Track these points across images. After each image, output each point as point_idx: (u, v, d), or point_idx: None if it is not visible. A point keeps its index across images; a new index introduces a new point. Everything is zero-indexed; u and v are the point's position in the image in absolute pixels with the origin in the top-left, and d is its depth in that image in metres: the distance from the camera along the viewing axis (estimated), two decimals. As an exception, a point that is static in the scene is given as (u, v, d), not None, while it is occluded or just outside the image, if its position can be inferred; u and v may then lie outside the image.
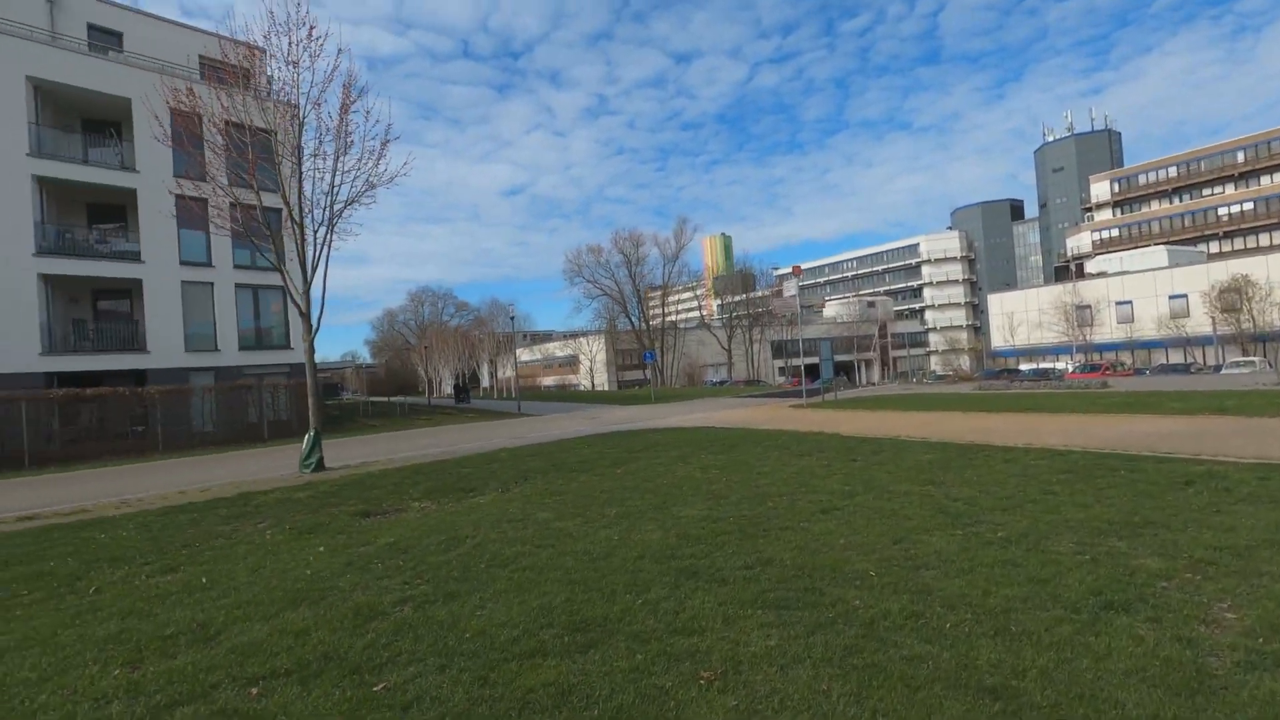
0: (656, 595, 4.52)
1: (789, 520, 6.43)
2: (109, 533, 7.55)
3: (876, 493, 7.47)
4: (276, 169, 13.20)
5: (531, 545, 6.07)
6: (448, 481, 10.01)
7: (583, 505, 7.75)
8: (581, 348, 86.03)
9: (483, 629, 4.07)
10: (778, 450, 11.42)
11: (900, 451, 10.48)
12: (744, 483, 8.61)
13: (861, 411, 19.42)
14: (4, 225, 20.38)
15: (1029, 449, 10.18)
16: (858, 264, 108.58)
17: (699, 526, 6.40)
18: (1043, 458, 9.23)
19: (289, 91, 12.94)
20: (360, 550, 6.24)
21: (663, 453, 11.87)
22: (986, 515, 6.17)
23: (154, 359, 23.13)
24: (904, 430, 13.71)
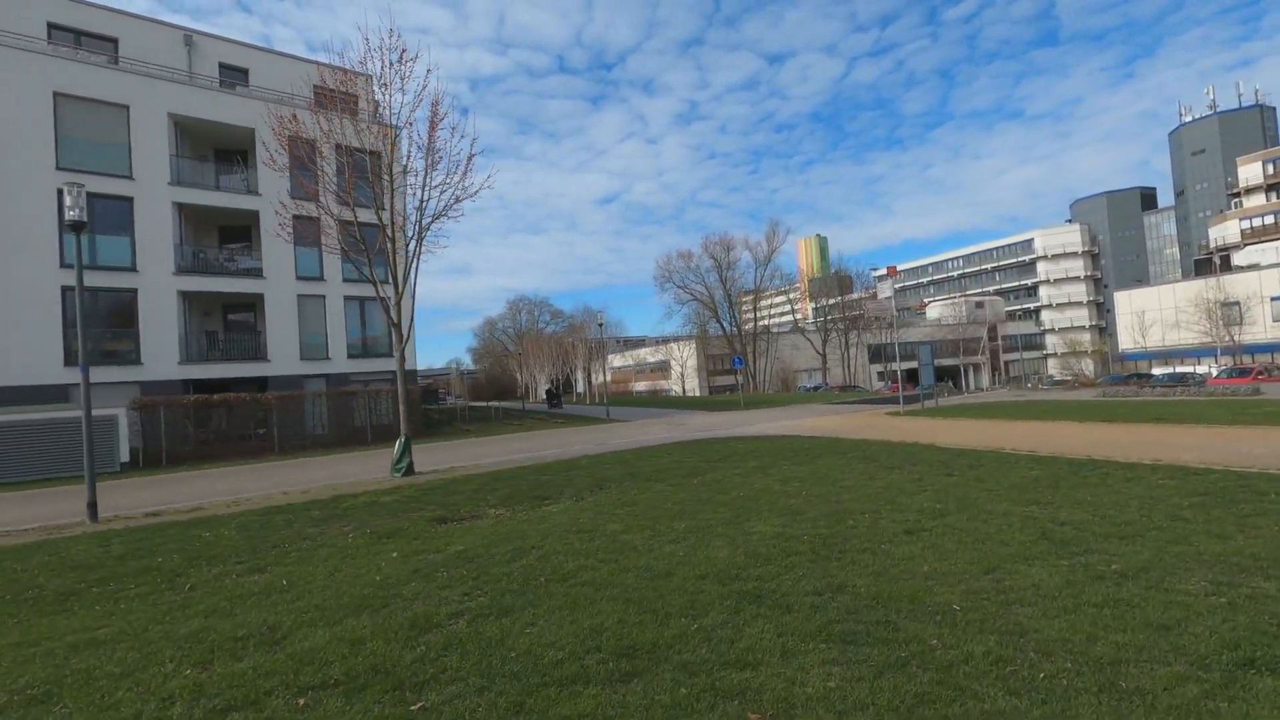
0: (713, 621, 4.25)
1: (869, 541, 5.96)
2: (214, 531, 8.11)
3: (971, 513, 6.82)
4: (371, 187, 13.88)
5: (595, 559, 5.94)
6: (525, 488, 10.11)
7: (653, 517, 7.56)
8: (672, 353, 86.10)
9: (529, 649, 3.96)
10: (865, 462, 10.77)
11: (1002, 466, 9.59)
12: (825, 497, 8.13)
13: (964, 420, 18.11)
14: (151, 248, 22.77)
15: (1156, 466, 9.02)
16: (964, 262, 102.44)
17: (770, 545, 6.05)
18: (1172, 476, 8.14)
19: (382, 113, 13.58)
20: (430, 557, 6.34)
21: (742, 462, 11.49)
22: (1098, 544, 5.45)
23: (273, 367, 25.11)
24: (1009, 442, 12.60)
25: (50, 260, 20.89)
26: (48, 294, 20.81)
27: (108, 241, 22.27)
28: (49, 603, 5.64)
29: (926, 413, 21.45)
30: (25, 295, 20.41)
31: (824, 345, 72.11)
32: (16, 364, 20.14)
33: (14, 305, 20.19)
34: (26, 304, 20.41)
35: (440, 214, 13.86)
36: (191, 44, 26.34)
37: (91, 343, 21.94)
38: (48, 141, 21.13)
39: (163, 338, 22.81)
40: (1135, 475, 8.33)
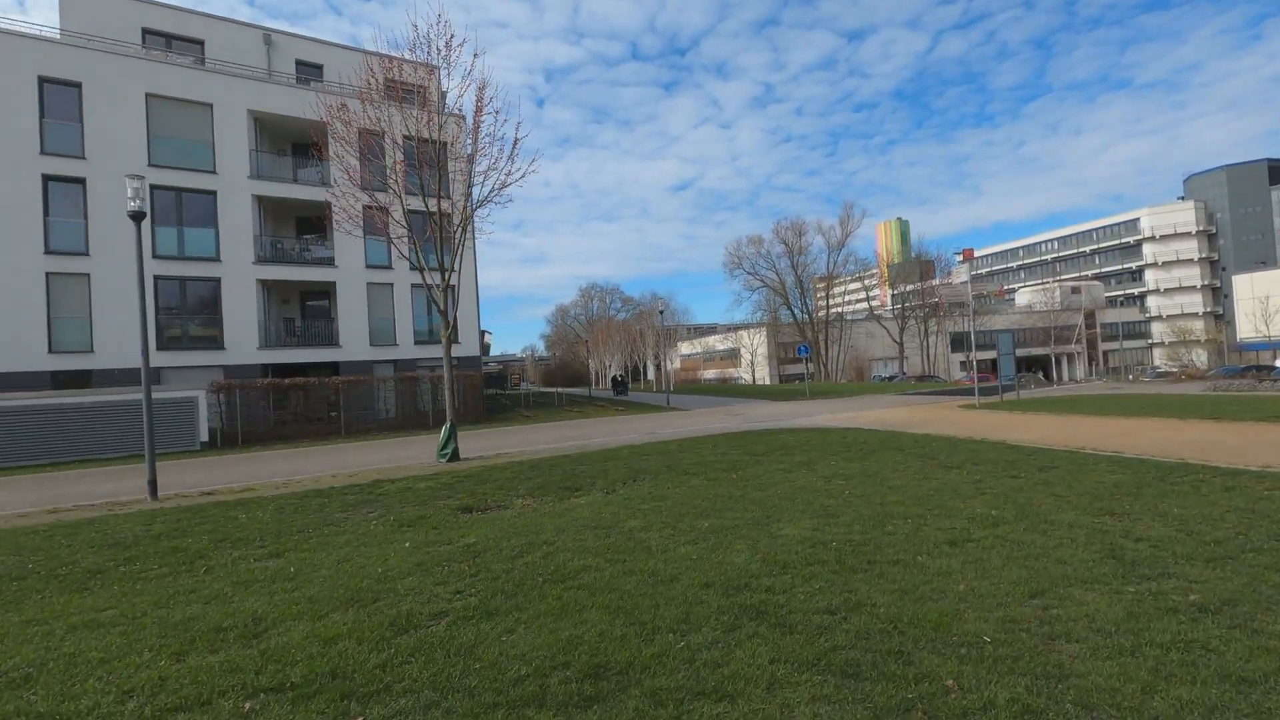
0: (704, 638, 3.83)
1: (904, 551, 5.35)
2: (249, 513, 8.30)
3: (1030, 522, 6.05)
4: (419, 174, 13.95)
5: (604, 558, 5.60)
6: (558, 478, 9.90)
7: (679, 514, 7.15)
8: (742, 341, 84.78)
9: (497, 660, 3.66)
10: (922, 460, 9.95)
11: (1078, 468, 8.60)
12: (868, 498, 7.48)
13: (1045, 415, 16.67)
14: (233, 239, 24.02)
15: (1265, 473, 7.84)
16: (1059, 245, 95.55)
17: (793, 550, 5.54)
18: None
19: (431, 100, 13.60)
20: (439, 549, 6.18)
21: (788, 456, 10.88)
22: (1177, 566, 4.65)
23: (344, 352, 26.09)
24: (1093, 441, 11.39)
25: (144, 252, 22.31)
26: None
27: (195, 234, 23.64)
28: (76, 580, 5.82)
29: (1005, 406, 19.94)
30: (118, 285, 21.91)
31: (901, 333, 68.97)
32: (111, 349, 21.70)
33: (109, 294, 21.73)
34: (120, 293, 21.90)
35: (485, 199, 13.78)
36: (270, 43, 27.51)
37: (181, 329, 23.45)
38: (140, 140, 22.53)
39: (243, 324, 24.07)
40: (1236, 484, 7.23)
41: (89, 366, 21.37)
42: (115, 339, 21.77)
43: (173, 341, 23.02)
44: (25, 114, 20.78)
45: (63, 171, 21.29)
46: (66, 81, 21.45)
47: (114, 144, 22.00)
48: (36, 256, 20.82)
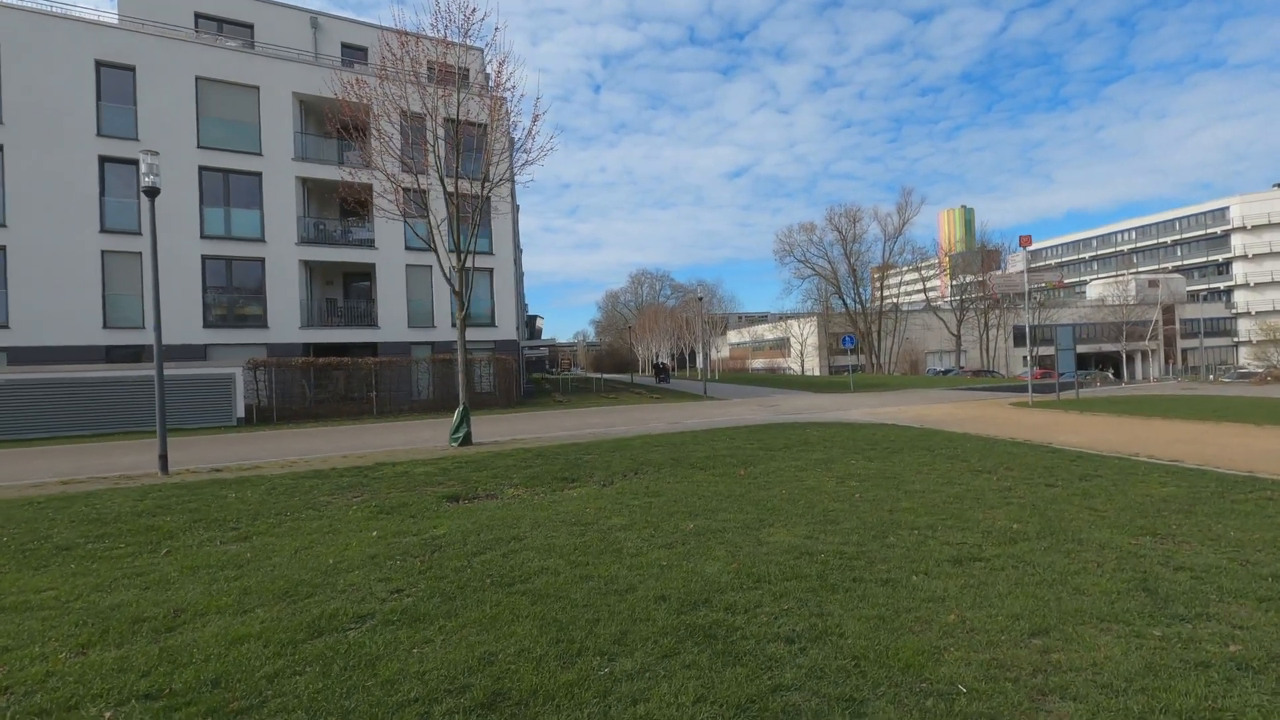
0: (632, 665, 3.34)
1: (898, 569, 4.72)
2: (240, 493, 8.20)
3: (1054, 540, 5.30)
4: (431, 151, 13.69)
5: (567, 560, 5.16)
6: (559, 468, 9.51)
7: (667, 513, 6.65)
8: (791, 330, 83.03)
9: (394, 677, 3.26)
10: (951, 462, 9.13)
11: (1125, 478, 7.67)
12: (879, 503, 6.81)
13: (1102, 416, 15.35)
14: (277, 220, 24.51)
15: (1353, 492, 6.78)
16: (1137, 235, 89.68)
17: (775, 561, 4.98)
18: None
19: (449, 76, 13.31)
20: (402, 541, 5.86)
21: (807, 453, 10.20)
22: (1221, 606, 3.89)
23: (383, 333, 26.40)
24: (1150, 447, 10.29)
25: (192, 232, 23.00)
26: (190, 263, 22.97)
27: (241, 214, 24.21)
28: (40, 556, 5.74)
29: (1061, 405, 18.55)
30: (171, 265, 22.56)
31: (959, 325, 66.09)
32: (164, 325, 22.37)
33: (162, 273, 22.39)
34: (172, 272, 22.56)
35: (502, 180, 13.45)
36: (317, 26, 27.85)
37: (226, 307, 24.11)
38: (190, 122, 23.13)
39: (286, 304, 24.59)
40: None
41: (140, 342, 22.18)
42: (165, 316, 22.49)
43: (219, 319, 23.69)
44: (84, 97, 21.56)
45: (118, 153, 22.02)
46: (122, 65, 22.14)
47: (165, 126, 22.64)
48: (93, 235, 21.66)
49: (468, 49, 14.92)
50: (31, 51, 20.90)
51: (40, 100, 20.96)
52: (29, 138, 20.83)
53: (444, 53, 13.09)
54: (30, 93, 20.84)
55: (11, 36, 20.69)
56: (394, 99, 13.21)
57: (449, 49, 12.94)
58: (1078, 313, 71.85)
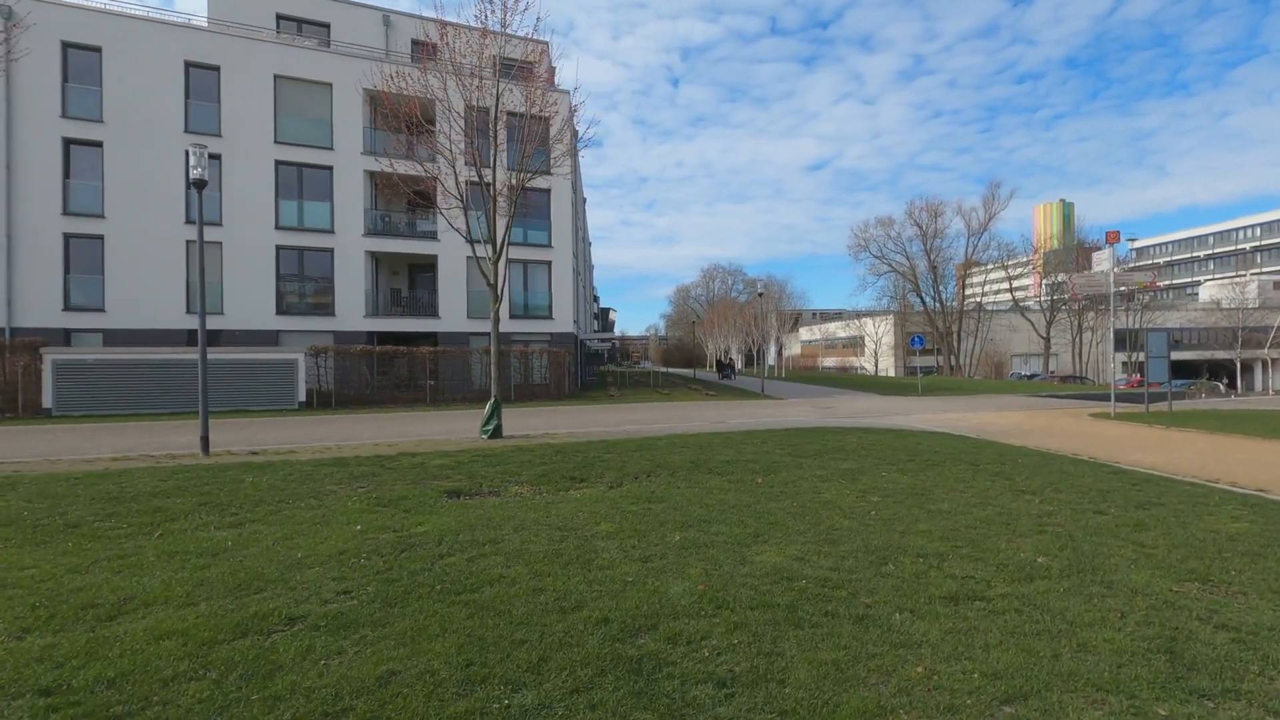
0: (531, 700, 3.04)
1: (883, 604, 4.20)
2: (255, 478, 8.41)
3: (1079, 580, 4.62)
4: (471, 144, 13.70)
5: (530, 569, 4.91)
6: (574, 466, 9.28)
7: (660, 522, 6.29)
8: (865, 329, 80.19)
9: (280, 695, 3.09)
10: (994, 479, 8.31)
11: (1193, 508, 6.70)
12: (893, 523, 6.21)
13: (1191, 432, 13.76)
14: (346, 213, 25.49)
15: None
16: (1261, 231, 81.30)
17: (748, 585, 4.55)
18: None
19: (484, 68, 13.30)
20: (380, 538, 5.76)
21: (838, 462, 9.56)
22: (1260, 680, 3.20)
23: (443, 323, 27.05)
24: (1236, 472, 9.06)
25: (268, 224, 24.22)
26: (265, 253, 24.21)
27: (313, 207, 25.30)
28: (47, 532, 5.99)
29: (1147, 418, 16.84)
30: (247, 255, 23.91)
31: (1048, 327, 61.79)
32: (240, 312, 23.80)
33: (239, 263, 23.78)
34: (248, 262, 23.91)
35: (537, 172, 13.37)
36: (389, 23, 28.71)
37: (297, 295, 25.30)
38: (268, 119, 24.32)
39: (352, 293, 25.57)
40: None
41: (219, 327, 23.56)
42: (241, 303, 23.87)
43: (290, 307, 24.89)
44: (174, 96, 23.02)
45: (203, 149, 23.39)
46: (208, 65, 23.50)
47: (245, 122, 23.90)
48: (178, 226, 23.13)
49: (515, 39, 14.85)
50: (129, 54, 22.47)
51: (136, 100, 22.53)
52: (125, 135, 22.43)
53: (484, 43, 13.02)
54: (127, 93, 22.44)
55: (113, 40, 22.31)
56: (433, 90, 13.28)
57: (488, 38, 12.87)
58: (1186, 316, 65.93)
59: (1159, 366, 18.39)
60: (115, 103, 22.33)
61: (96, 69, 22.20)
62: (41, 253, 21.62)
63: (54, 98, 21.72)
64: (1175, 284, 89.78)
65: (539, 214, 29.20)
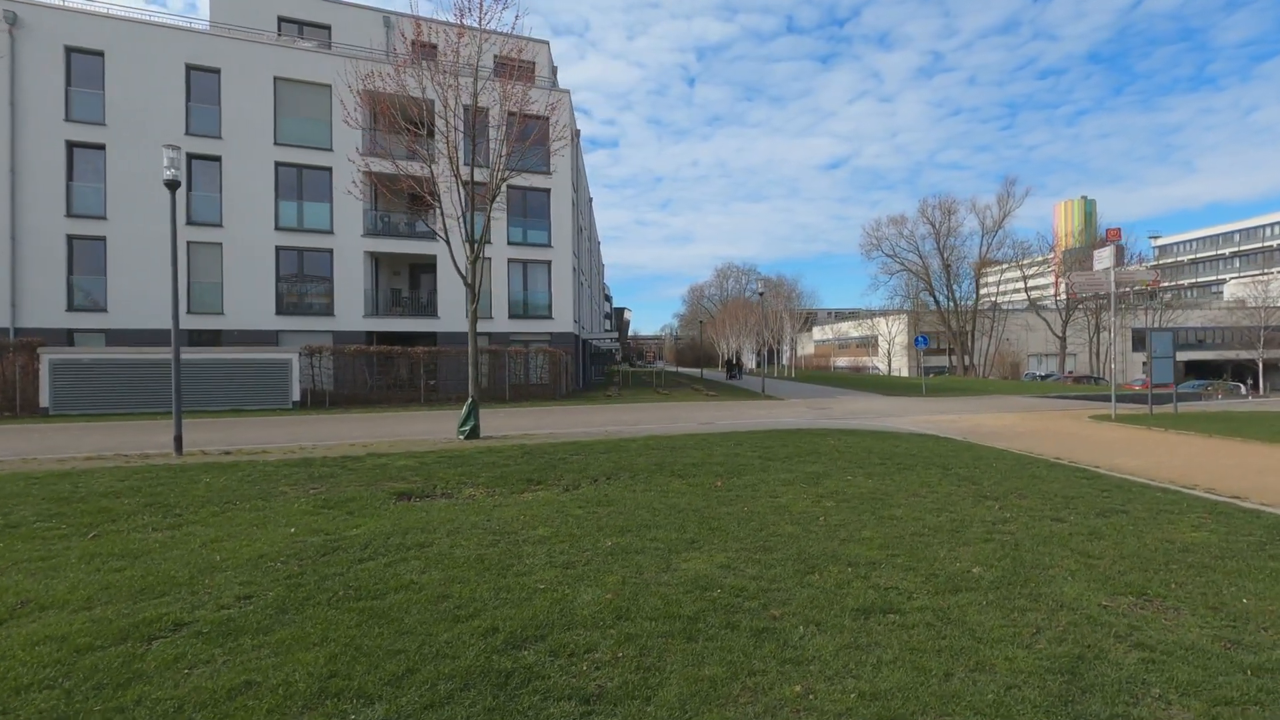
0: (376, 715, 2.93)
1: (793, 616, 4.04)
2: (212, 478, 8.40)
3: (1007, 592, 4.42)
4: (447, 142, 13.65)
5: (445, 575, 4.81)
6: (536, 468, 9.17)
7: (598, 528, 6.16)
8: (878, 328, 79.45)
9: (120, 708, 3.00)
10: (960, 484, 8.06)
11: (1156, 516, 6.42)
12: (837, 530, 6.03)
13: (1190, 436, 13.33)
14: (345, 213, 25.62)
15: None
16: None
17: (661, 594, 4.41)
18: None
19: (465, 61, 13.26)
20: (309, 541, 5.69)
21: (805, 465, 9.36)
22: (1154, 707, 2.99)
23: (442, 324, 27.12)
24: (1218, 477, 8.72)
25: (267, 225, 24.42)
26: (265, 254, 24.42)
27: (313, 208, 25.48)
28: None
29: (1149, 419, 16.37)
30: (247, 255, 24.13)
31: (1064, 327, 60.71)
32: (241, 311, 24.03)
33: (239, 263, 24.00)
34: (248, 261, 24.14)
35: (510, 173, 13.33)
36: (389, 25, 28.83)
37: (297, 295, 25.48)
38: (268, 120, 24.51)
39: (351, 293, 25.72)
40: (1387, 567, 4.93)
41: (219, 327, 23.82)
42: (241, 303, 24.09)
43: (290, 307, 25.08)
44: (174, 98, 23.29)
45: (204, 150, 23.69)
46: (208, 68, 23.74)
47: (246, 124, 24.11)
48: (180, 227, 23.34)
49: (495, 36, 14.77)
50: (131, 57, 22.77)
51: (137, 102, 22.82)
52: (127, 137, 22.73)
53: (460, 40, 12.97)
54: (129, 96, 22.73)
55: (115, 44, 22.61)
56: (408, 87, 13.27)
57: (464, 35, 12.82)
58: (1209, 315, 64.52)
59: (1164, 367, 17.90)
60: (117, 105, 22.64)
61: (99, 72, 22.52)
62: (45, 254, 21.97)
63: (58, 101, 22.07)
64: (1199, 282, 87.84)
65: (539, 214, 29.19)
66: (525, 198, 29.05)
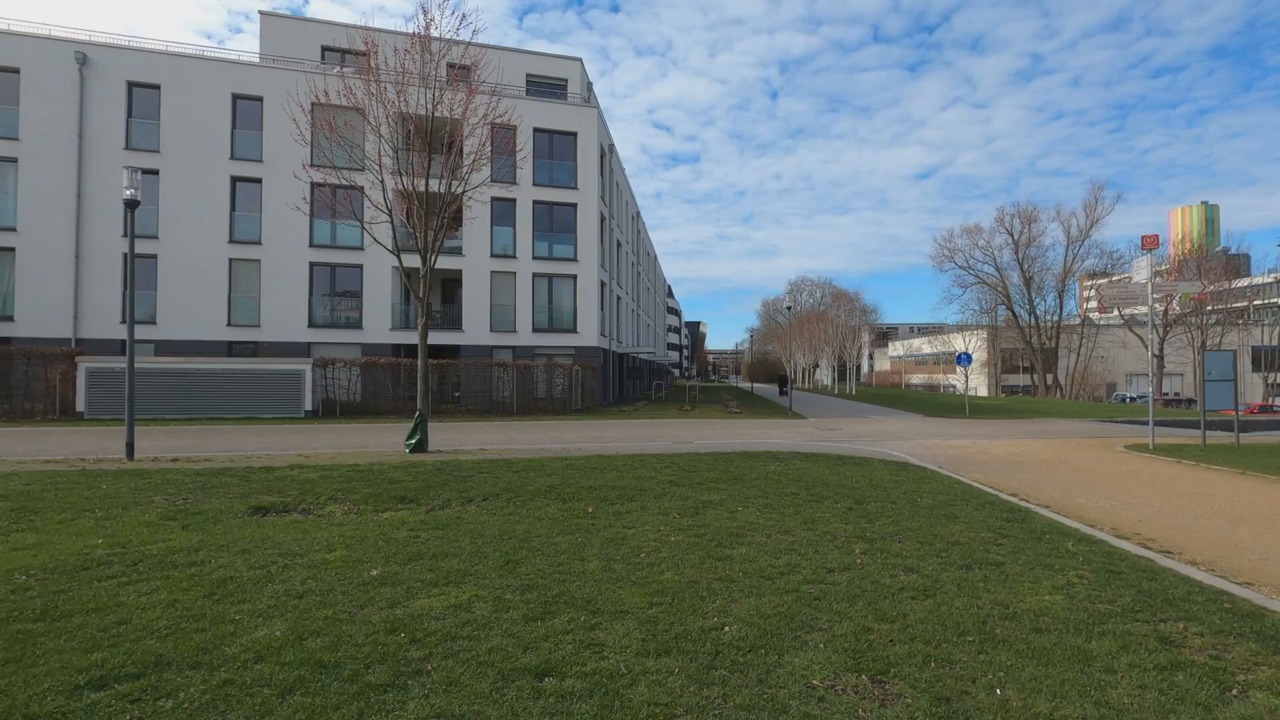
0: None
1: (435, 671, 3.56)
2: (112, 485, 8.65)
3: (725, 658, 3.73)
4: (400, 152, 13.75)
5: (162, 600, 4.61)
6: (423, 485, 8.87)
7: (384, 557, 5.78)
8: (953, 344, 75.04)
9: None
10: (851, 522, 7.15)
11: (1029, 570, 5.36)
12: (647, 568, 5.44)
13: (1217, 473, 11.40)
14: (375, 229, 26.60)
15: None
16: None
17: (338, 635, 4.03)
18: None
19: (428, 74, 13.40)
20: (98, 553, 5.64)
21: (711, 493, 8.62)
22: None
23: (466, 337, 27.65)
24: (1179, 526, 7.36)
25: (302, 242, 25.71)
26: (299, 269, 25.71)
27: (346, 226, 26.61)
28: None
29: (1193, 451, 14.32)
30: (283, 270, 25.48)
31: (1160, 344, 55.15)
32: (276, 323, 25.35)
33: (276, 278, 25.37)
34: (284, 276, 25.48)
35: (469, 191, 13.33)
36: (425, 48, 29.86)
37: (329, 309, 26.65)
38: (304, 143, 25.84)
39: (379, 307, 26.66)
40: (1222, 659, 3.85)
41: (256, 339, 25.21)
42: (277, 316, 25.42)
43: (322, 320, 26.26)
44: (221, 126, 25.00)
45: (246, 174, 25.28)
46: (252, 97, 25.37)
47: (285, 148, 25.52)
48: (223, 245, 25.01)
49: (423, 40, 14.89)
50: (183, 89, 24.65)
51: (189, 130, 24.65)
52: (179, 163, 24.57)
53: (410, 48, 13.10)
54: (181, 124, 24.59)
55: (170, 78, 24.56)
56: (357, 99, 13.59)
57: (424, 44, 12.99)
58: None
59: (1222, 391, 15.69)
60: (170, 133, 24.53)
61: (155, 104, 24.49)
62: (104, 271, 23.99)
63: (119, 132, 24.15)
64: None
65: (564, 228, 29.34)
66: (551, 212, 29.31)
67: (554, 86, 31.63)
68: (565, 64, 32.27)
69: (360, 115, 14.02)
